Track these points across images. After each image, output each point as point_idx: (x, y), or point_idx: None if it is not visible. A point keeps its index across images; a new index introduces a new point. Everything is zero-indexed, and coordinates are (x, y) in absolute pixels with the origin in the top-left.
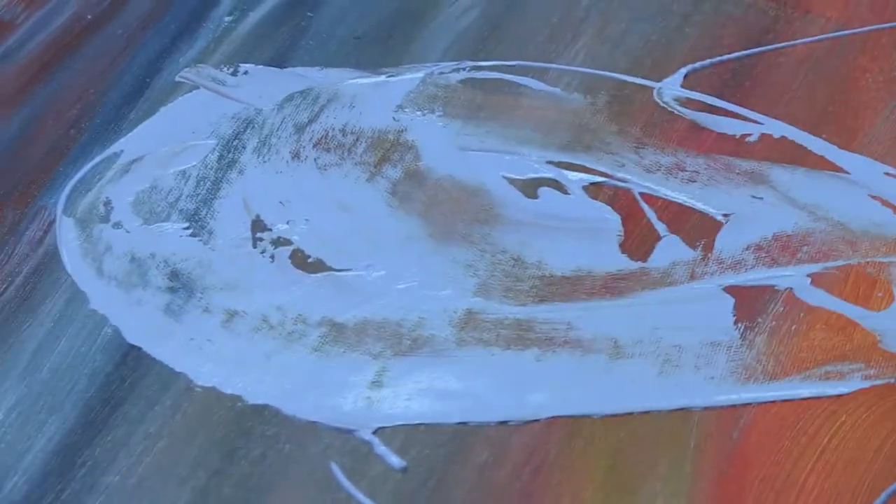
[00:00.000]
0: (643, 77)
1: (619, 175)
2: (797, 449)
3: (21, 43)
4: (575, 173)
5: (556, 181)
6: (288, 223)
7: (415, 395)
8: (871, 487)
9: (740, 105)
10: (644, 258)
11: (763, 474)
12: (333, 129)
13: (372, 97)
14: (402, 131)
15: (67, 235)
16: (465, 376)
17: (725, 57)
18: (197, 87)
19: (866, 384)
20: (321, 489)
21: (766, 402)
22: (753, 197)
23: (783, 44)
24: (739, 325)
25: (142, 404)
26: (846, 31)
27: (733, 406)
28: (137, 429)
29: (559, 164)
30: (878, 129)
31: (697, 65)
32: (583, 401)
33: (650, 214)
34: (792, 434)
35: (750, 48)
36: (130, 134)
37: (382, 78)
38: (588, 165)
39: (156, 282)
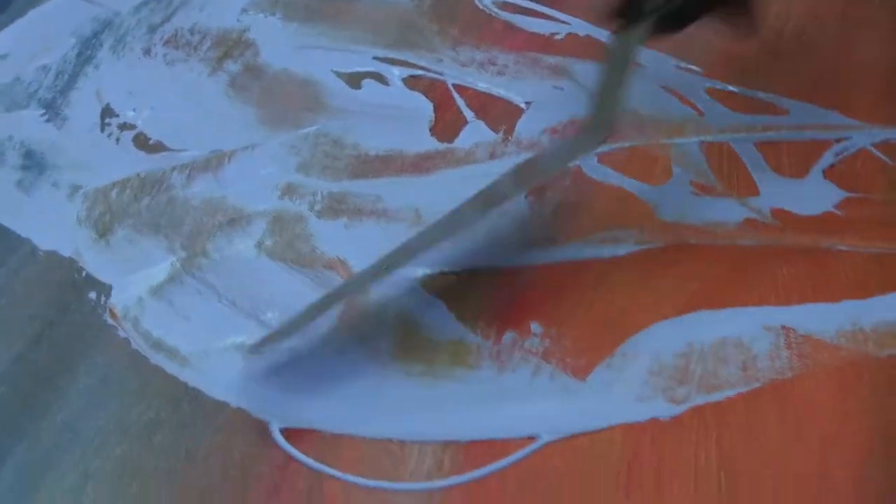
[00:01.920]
0: None
1: (437, 69)
2: (570, 304)
3: None
4: (397, 67)
5: (379, 74)
6: (134, 110)
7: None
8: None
9: (552, 7)
10: (451, 140)
11: (541, 321)
12: (183, 29)
13: (220, 1)
14: (245, 31)
15: None
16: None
17: None
18: None
19: (638, 248)
20: None
21: (548, 263)
22: (555, 87)
23: None
24: (529, 197)
25: None
26: None
27: (518, 267)
28: None
29: (384, 60)
30: None
31: None
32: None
33: (460, 102)
34: (567, 291)
35: None
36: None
37: None
38: (410, 61)
39: (11, 161)
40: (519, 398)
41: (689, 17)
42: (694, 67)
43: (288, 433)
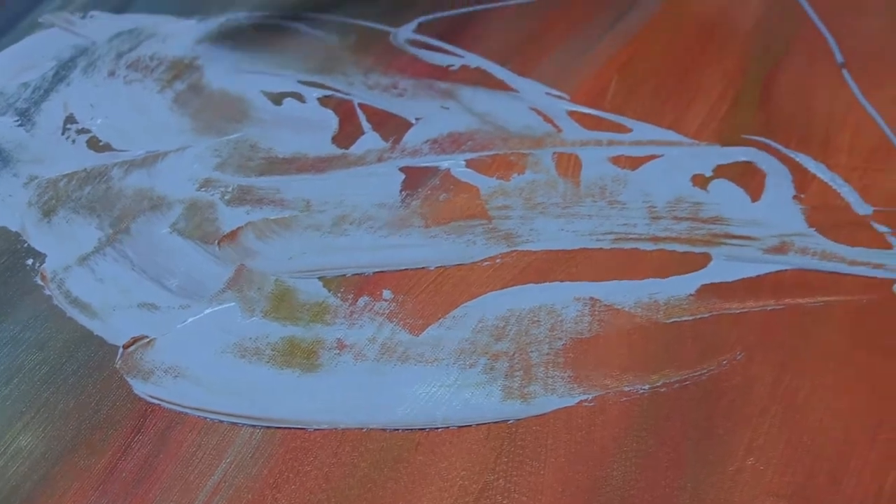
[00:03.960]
0: (389, 25)
1: (347, 90)
2: (418, 276)
3: None
4: (315, 89)
5: (299, 94)
6: (91, 118)
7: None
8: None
9: (453, 45)
10: (347, 147)
11: (392, 290)
12: (144, 56)
13: (180, 34)
14: (196, 58)
15: None
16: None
17: (450, 13)
18: (53, 26)
19: (482, 238)
20: None
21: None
22: (442, 107)
23: (494, 4)
24: (403, 192)
25: None
26: None
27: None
28: None
29: (305, 83)
30: (549, 63)
31: (429, 17)
32: (280, 249)
33: (361, 117)
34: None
35: (471, 6)
36: None
37: (193, 21)
38: (326, 84)
39: None
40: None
41: None
42: (561, 94)
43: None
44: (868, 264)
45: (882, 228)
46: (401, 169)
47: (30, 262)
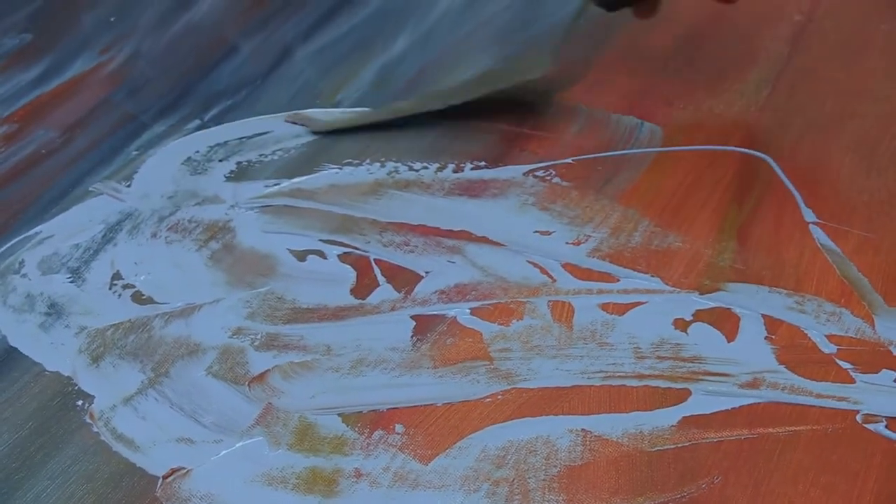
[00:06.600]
0: None
1: (364, 248)
2: (426, 412)
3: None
4: (335, 247)
5: (321, 251)
6: (136, 275)
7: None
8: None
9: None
10: (364, 298)
11: (404, 424)
12: (184, 219)
13: (215, 202)
14: (229, 221)
15: None
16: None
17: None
18: (102, 194)
19: (485, 377)
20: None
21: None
22: (449, 261)
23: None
24: (414, 338)
25: (7, 381)
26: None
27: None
28: (1, 395)
29: (327, 241)
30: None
31: None
32: (303, 388)
33: (377, 271)
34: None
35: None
36: (50, 221)
37: (227, 187)
38: (346, 242)
39: (38, 309)
40: None
41: None
42: (546, 230)
43: None
44: (833, 397)
45: (845, 365)
46: (412, 317)
47: (80, 402)
